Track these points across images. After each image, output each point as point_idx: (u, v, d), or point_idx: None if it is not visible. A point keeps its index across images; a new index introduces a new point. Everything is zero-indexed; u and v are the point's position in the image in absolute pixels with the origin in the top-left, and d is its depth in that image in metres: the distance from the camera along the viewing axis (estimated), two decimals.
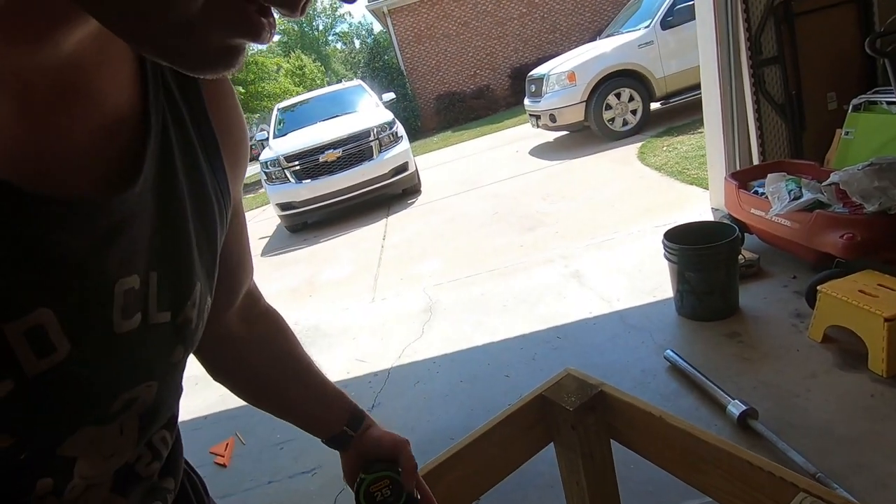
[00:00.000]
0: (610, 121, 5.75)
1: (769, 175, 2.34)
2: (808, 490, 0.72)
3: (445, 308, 3.05)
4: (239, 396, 0.62)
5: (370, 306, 3.37)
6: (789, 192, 2.19)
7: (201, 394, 2.77)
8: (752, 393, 1.76)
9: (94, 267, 0.31)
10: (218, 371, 0.60)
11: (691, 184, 3.85)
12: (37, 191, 0.28)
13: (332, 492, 1.83)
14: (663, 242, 2.24)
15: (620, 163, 4.97)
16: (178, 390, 0.45)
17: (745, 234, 2.64)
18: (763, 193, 2.35)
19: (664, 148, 4.89)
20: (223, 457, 2.21)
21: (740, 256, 2.23)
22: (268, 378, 0.61)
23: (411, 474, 0.63)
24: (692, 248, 2.11)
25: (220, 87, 0.45)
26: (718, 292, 2.16)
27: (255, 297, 0.61)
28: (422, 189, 6.25)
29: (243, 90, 13.10)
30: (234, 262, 0.53)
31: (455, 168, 7.19)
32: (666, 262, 2.28)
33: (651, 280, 2.67)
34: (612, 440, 1.10)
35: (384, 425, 0.67)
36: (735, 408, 1.62)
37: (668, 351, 2.01)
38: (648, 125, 5.80)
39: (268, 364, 0.61)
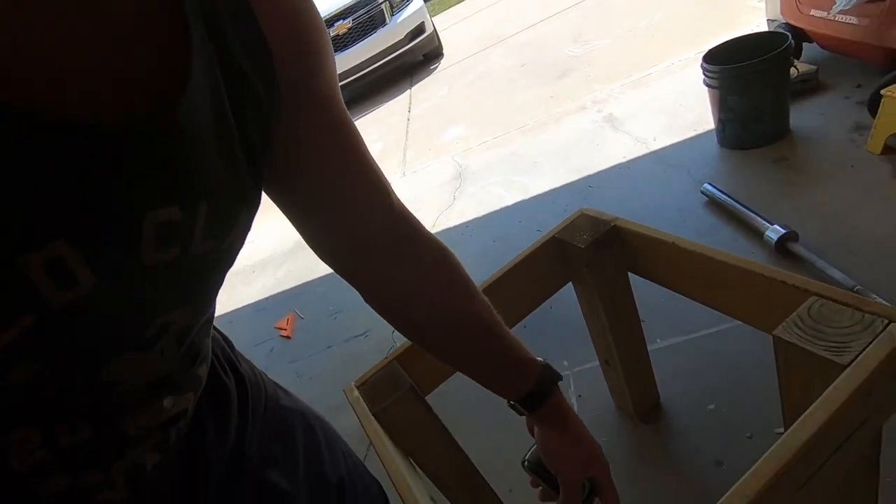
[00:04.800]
0: None
1: None
2: (820, 293, 0.69)
3: (475, 172, 3.00)
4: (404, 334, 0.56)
5: (401, 181, 3.37)
6: None
7: (259, 280, 3.00)
8: (796, 217, 1.67)
9: (118, 198, 0.29)
10: (380, 308, 0.53)
11: None
12: (47, 113, 0.25)
13: (384, 349, 2.01)
14: (702, 66, 2.00)
15: None
16: (214, 302, 0.42)
17: (804, 44, 2.31)
18: None
19: None
20: (286, 330, 2.44)
21: (793, 70, 1.97)
22: (432, 318, 0.53)
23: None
24: (733, 67, 1.87)
25: None
26: (767, 115, 1.96)
27: (406, 220, 0.51)
28: (444, 52, 5.82)
29: None
30: (350, 179, 0.45)
31: (477, 22, 6.55)
32: (707, 91, 2.06)
33: (692, 113, 2.46)
34: (629, 273, 1.09)
35: None
36: (773, 233, 1.55)
37: (706, 185, 1.90)
38: None
39: (434, 317, 0.52)
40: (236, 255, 0.39)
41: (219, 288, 0.41)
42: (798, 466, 0.56)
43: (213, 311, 0.44)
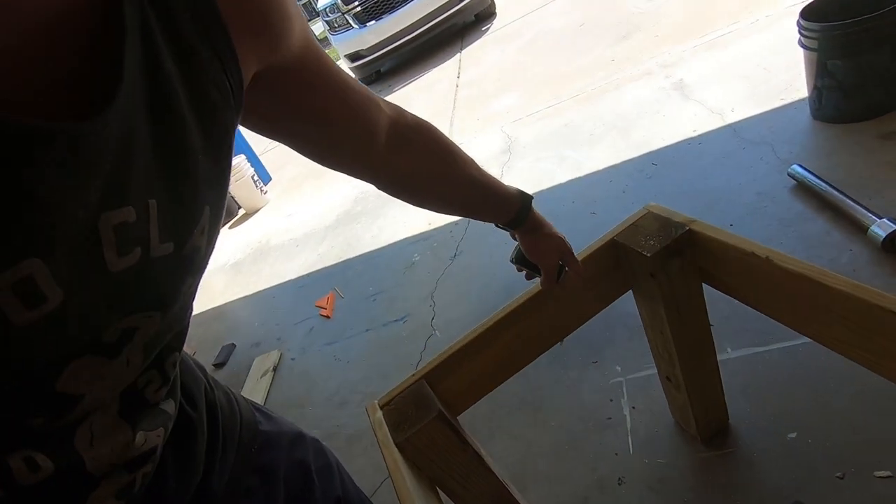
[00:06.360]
0: None
1: None
2: None
3: (525, 146, 2.79)
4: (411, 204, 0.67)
5: None
6: None
7: (302, 255, 2.98)
8: None
9: (73, 204, 0.27)
10: (390, 191, 0.63)
11: None
12: None
13: (422, 337, 1.92)
14: (799, 23, 1.69)
15: None
16: (186, 313, 0.41)
17: None
18: None
19: None
20: (326, 309, 2.40)
21: None
22: (431, 189, 0.66)
23: (575, 275, 0.84)
24: (836, 24, 1.56)
25: None
26: (876, 82, 1.65)
27: (396, 119, 0.59)
28: (496, 11, 5.48)
29: None
30: (345, 115, 0.51)
31: None
32: (802, 52, 1.76)
33: (779, 80, 2.14)
34: (704, 284, 0.92)
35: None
36: (881, 228, 1.30)
37: (795, 166, 1.64)
38: None
39: (428, 179, 0.64)
40: (204, 260, 0.39)
41: (191, 297, 0.40)
42: None
43: (187, 325, 0.43)
